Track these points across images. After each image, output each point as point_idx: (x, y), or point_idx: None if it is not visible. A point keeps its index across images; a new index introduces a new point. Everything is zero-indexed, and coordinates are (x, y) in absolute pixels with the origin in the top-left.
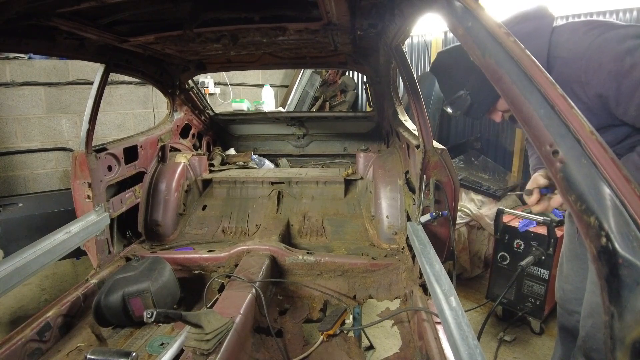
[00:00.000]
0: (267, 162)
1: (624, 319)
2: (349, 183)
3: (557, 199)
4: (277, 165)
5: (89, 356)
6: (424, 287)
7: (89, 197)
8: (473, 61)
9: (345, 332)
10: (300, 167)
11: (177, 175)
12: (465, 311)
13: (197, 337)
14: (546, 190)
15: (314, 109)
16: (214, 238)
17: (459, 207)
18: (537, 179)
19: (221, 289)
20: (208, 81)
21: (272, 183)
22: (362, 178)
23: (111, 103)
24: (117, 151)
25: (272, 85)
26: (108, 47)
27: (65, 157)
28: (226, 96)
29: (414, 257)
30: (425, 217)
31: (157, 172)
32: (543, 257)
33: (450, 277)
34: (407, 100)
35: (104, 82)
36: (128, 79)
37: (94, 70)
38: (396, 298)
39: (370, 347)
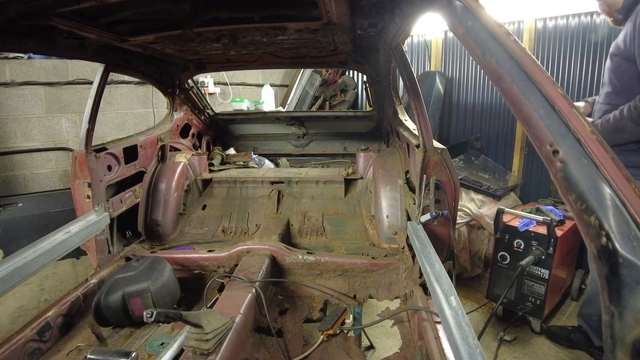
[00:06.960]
0: (267, 161)
1: (624, 319)
2: (349, 183)
3: None
4: (277, 164)
5: (89, 356)
6: (424, 287)
7: (88, 196)
8: None
9: (345, 331)
10: (300, 167)
11: (177, 175)
12: (467, 313)
13: (197, 336)
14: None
15: (314, 108)
16: (214, 238)
17: (459, 207)
18: None
19: (221, 288)
20: (208, 81)
21: (272, 183)
22: (362, 178)
23: (111, 103)
24: (117, 151)
25: (272, 85)
26: (108, 46)
27: (65, 157)
28: (226, 96)
29: (414, 256)
30: (426, 217)
31: (157, 171)
32: (543, 257)
33: (450, 277)
34: (407, 99)
35: (103, 82)
36: (128, 79)
37: (94, 70)
38: (396, 298)
39: (370, 346)
